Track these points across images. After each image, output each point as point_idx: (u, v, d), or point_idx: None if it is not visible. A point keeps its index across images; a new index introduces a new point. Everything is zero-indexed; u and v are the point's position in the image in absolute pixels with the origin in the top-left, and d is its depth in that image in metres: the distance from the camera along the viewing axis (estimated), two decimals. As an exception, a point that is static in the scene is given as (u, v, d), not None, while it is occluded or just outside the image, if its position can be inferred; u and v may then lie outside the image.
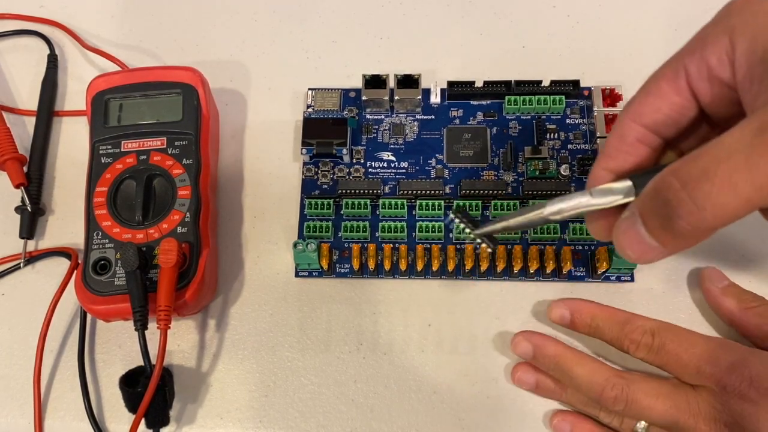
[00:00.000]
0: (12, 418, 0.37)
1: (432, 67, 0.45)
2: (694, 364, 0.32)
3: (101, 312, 0.36)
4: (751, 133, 0.21)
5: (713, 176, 0.21)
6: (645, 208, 0.24)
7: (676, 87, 0.26)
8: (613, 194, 0.27)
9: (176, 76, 0.40)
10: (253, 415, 0.37)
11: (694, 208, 0.22)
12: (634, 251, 0.25)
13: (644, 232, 0.24)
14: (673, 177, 0.22)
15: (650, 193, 0.24)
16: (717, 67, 0.25)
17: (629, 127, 0.27)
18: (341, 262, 0.39)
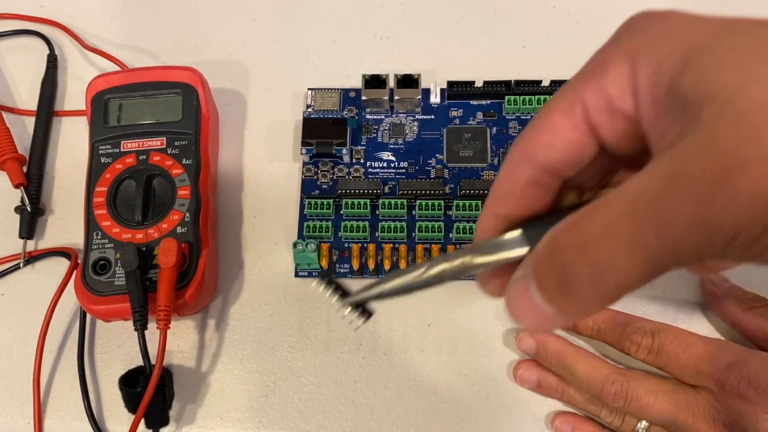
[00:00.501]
0: (11, 418, 0.37)
1: (432, 67, 0.45)
2: (693, 364, 0.32)
3: (101, 312, 0.36)
4: (659, 182, 0.17)
5: (616, 235, 0.17)
6: (539, 269, 0.20)
7: (571, 121, 0.22)
8: (502, 250, 0.23)
9: (176, 76, 0.40)
10: (252, 415, 0.37)
11: (595, 275, 0.18)
12: (529, 320, 0.21)
13: (540, 297, 0.20)
14: (569, 236, 0.19)
15: (545, 251, 0.20)
16: (617, 98, 0.20)
17: (520, 168, 0.23)
18: (341, 262, 0.39)
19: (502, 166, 0.24)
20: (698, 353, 0.32)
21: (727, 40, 0.18)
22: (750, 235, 0.16)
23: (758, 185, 0.15)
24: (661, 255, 0.17)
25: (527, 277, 0.20)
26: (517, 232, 0.23)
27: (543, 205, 0.23)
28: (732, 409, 0.31)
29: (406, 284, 0.24)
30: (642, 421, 0.33)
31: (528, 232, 0.22)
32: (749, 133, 0.16)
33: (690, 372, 0.32)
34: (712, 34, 0.18)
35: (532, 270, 0.20)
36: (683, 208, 0.16)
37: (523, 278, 0.21)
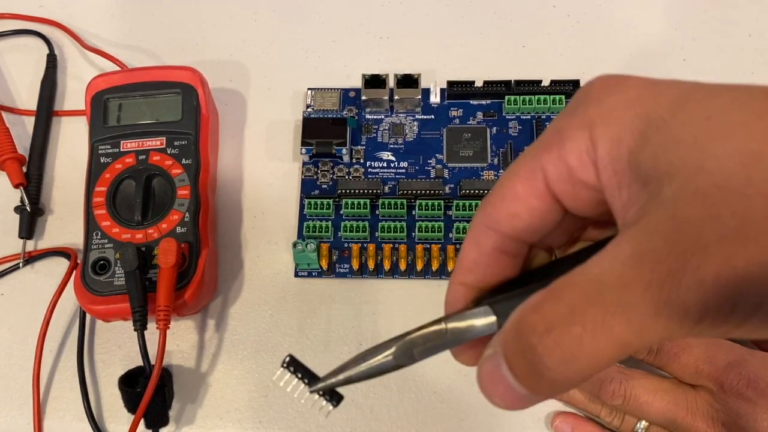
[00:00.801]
0: (11, 419, 0.37)
1: (432, 66, 0.45)
2: (693, 363, 0.32)
3: (100, 312, 0.36)
4: (623, 266, 0.17)
5: (582, 319, 0.17)
6: (508, 349, 0.19)
7: (533, 189, 0.21)
8: (472, 326, 0.22)
9: (176, 76, 0.40)
10: (252, 416, 0.37)
11: (564, 357, 0.18)
12: (503, 399, 0.20)
13: (510, 377, 0.19)
14: (536, 316, 0.18)
15: (512, 331, 0.19)
16: (578, 168, 0.20)
17: (485, 235, 0.22)
18: (341, 262, 0.39)
19: (467, 234, 0.23)
20: (698, 353, 0.32)
21: (683, 115, 0.17)
22: (717, 316, 0.16)
23: (720, 267, 0.15)
24: (628, 339, 0.17)
25: (497, 356, 0.20)
26: (484, 308, 0.22)
27: (511, 271, 0.23)
28: (731, 408, 0.31)
29: (375, 368, 0.24)
30: (641, 421, 0.33)
31: (496, 307, 0.22)
32: (710, 212, 0.16)
33: (689, 371, 0.32)
34: (668, 107, 0.18)
35: (502, 349, 0.20)
36: (648, 293, 0.16)
37: (493, 357, 0.20)
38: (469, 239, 0.23)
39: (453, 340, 0.22)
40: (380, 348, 0.23)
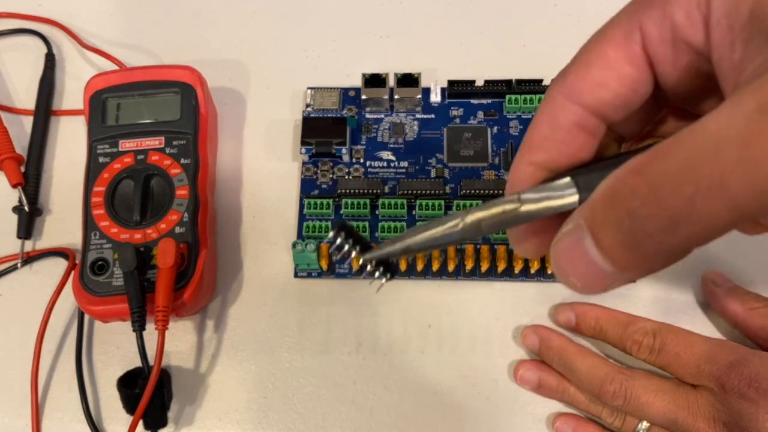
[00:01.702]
0: (9, 420, 0.37)
1: (432, 65, 0.44)
2: (694, 363, 0.32)
3: (99, 312, 0.36)
4: (746, 119, 0.15)
5: (696, 177, 0.15)
6: (596, 219, 0.17)
7: (627, 54, 0.20)
8: (550, 199, 0.20)
9: (174, 75, 0.40)
10: (251, 417, 0.36)
11: (670, 222, 0.16)
12: (581, 278, 0.18)
13: (595, 252, 0.18)
14: (638, 178, 0.16)
15: (604, 199, 0.17)
16: (684, 26, 0.18)
17: (564, 108, 0.21)
18: (341, 263, 0.39)
19: (540, 109, 0.21)
20: (699, 352, 0.32)
21: None
22: None
23: None
24: (747, 201, 0.15)
25: (579, 229, 0.18)
26: (565, 179, 0.20)
27: (587, 153, 0.21)
28: (733, 408, 0.31)
29: (437, 237, 0.21)
30: (643, 422, 0.33)
31: (577, 179, 0.20)
32: None
33: (691, 371, 0.32)
34: None
35: (587, 221, 0.18)
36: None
37: (575, 231, 0.18)
38: (542, 113, 0.21)
39: (527, 215, 0.20)
40: (445, 218, 0.21)
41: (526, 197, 0.20)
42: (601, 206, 0.17)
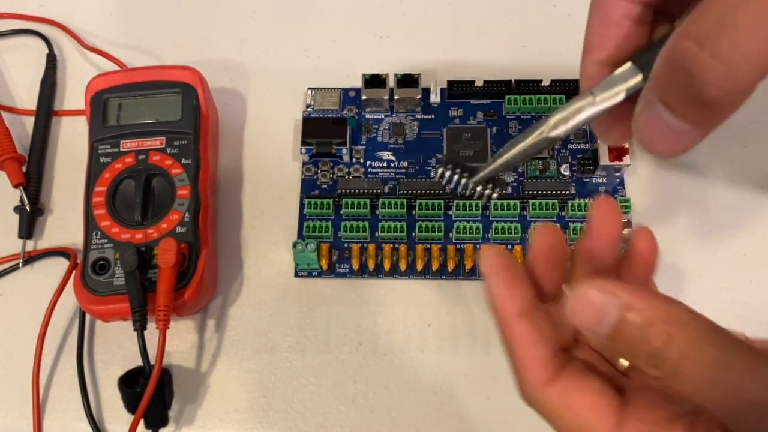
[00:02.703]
0: (11, 419, 0.37)
1: (432, 66, 0.45)
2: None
3: (100, 312, 0.36)
4: None
5: (735, 21, 0.17)
6: (662, 88, 0.20)
7: None
8: (618, 85, 0.22)
9: (175, 76, 0.40)
10: (252, 416, 0.37)
11: (723, 67, 0.18)
12: (666, 143, 0.21)
13: (670, 117, 0.20)
14: (687, 40, 0.18)
15: (663, 69, 0.19)
16: None
17: (611, 5, 0.23)
18: (341, 262, 0.39)
19: (590, 12, 0.24)
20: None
21: None
22: None
23: None
24: None
25: (651, 103, 0.20)
26: (627, 65, 0.22)
27: (642, 40, 0.23)
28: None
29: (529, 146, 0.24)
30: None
31: (638, 61, 0.22)
32: None
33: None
34: None
35: (655, 93, 0.20)
36: None
37: (648, 105, 0.20)
38: (592, 15, 0.24)
39: (602, 104, 0.23)
40: (530, 129, 0.24)
41: (597, 90, 0.23)
42: (662, 76, 0.19)
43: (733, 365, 0.18)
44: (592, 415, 0.22)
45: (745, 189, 0.40)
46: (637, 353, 0.20)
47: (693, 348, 0.18)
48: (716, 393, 0.18)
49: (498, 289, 0.23)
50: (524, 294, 0.23)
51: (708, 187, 0.40)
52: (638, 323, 0.19)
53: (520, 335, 0.23)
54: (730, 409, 0.18)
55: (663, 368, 0.19)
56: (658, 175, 0.41)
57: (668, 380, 0.19)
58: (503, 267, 0.23)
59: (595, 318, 0.20)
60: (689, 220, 0.40)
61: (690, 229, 0.39)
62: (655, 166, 0.41)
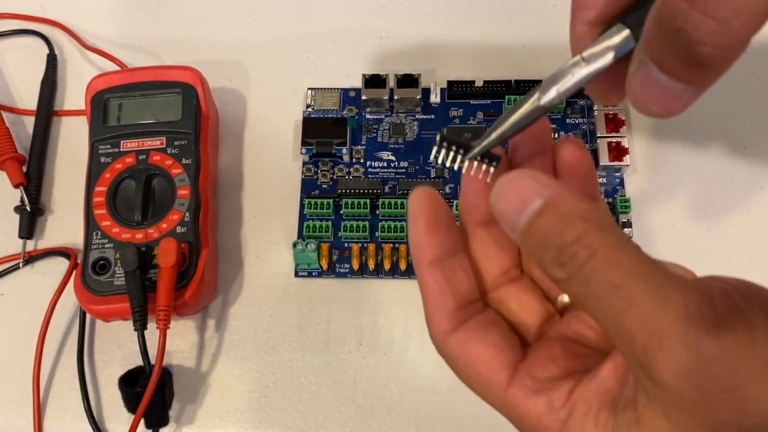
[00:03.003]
0: (11, 419, 0.37)
1: (432, 66, 0.45)
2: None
3: (100, 312, 0.36)
4: None
5: None
6: (654, 48, 0.19)
7: None
8: (609, 49, 0.22)
9: (175, 76, 0.40)
10: (252, 416, 0.37)
11: (715, 24, 0.17)
12: (660, 103, 0.20)
13: (664, 77, 0.19)
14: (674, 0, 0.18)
15: (654, 28, 0.19)
16: None
17: None
18: (341, 262, 0.39)
19: None
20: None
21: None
22: None
23: None
24: None
25: (643, 64, 0.20)
26: (617, 25, 0.22)
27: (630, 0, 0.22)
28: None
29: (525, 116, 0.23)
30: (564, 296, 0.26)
31: (627, 21, 0.22)
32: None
33: None
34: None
35: (647, 54, 0.20)
36: None
37: (640, 66, 0.20)
38: None
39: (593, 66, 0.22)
40: (523, 100, 0.23)
41: (588, 53, 0.22)
42: (653, 35, 0.19)
43: (640, 275, 0.18)
44: (486, 368, 0.23)
45: (745, 189, 0.40)
46: (547, 248, 0.19)
47: (605, 249, 0.18)
48: (613, 304, 0.18)
49: (416, 236, 0.23)
50: (442, 242, 0.23)
51: (708, 187, 0.40)
52: (557, 215, 0.19)
53: (430, 284, 0.23)
54: (619, 328, 0.18)
55: (568, 267, 0.18)
56: (657, 175, 0.41)
57: (569, 282, 0.19)
58: (427, 212, 0.23)
59: (517, 206, 0.20)
60: (689, 220, 0.40)
61: (690, 229, 0.39)
62: (654, 166, 0.41)
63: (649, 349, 0.17)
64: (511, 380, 0.22)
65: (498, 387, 0.22)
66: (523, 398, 0.22)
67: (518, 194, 0.20)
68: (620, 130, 0.40)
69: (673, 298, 0.17)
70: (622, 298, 0.17)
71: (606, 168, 0.40)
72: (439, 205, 0.24)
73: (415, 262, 0.24)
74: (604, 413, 0.20)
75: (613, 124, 0.40)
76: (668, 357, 0.17)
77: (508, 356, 0.23)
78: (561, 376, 0.21)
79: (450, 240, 0.24)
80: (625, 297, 0.17)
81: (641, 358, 0.17)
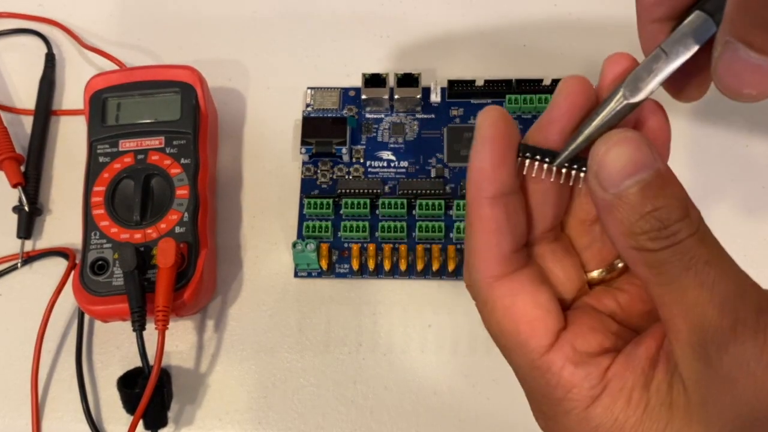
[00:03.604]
0: (9, 420, 0.37)
1: (432, 65, 0.44)
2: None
3: (99, 312, 0.36)
4: None
5: None
6: (740, 27, 0.19)
7: None
8: (690, 37, 0.21)
9: (174, 75, 0.40)
10: (251, 417, 0.36)
11: None
12: (752, 84, 0.19)
13: (753, 55, 0.19)
14: None
15: (738, 7, 0.18)
16: None
17: None
18: (341, 263, 0.39)
19: None
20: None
21: None
22: None
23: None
24: None
25: (730, 45, 0.19)
26: (693, 13, 0.21)
27: None
28: None
29: (611, 117, 0.22)
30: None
31: (705, 7, 0.21)
32: None
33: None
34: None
35: (732, 34, 0.19)
36: None
37: (726, 48, 0.19)
38: None
39: (676, 59, 0.21)
40: (607, 100, 0.22)
41: (668, 46, 0.21)
42: (738, 15, 0.19)
43: (726, 261, 0.19)
44: (528, 327, 0.22)
45: (746, 189, 0.40)
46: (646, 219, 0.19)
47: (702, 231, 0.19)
48: (697, 278, 0.19)
49: (483, 162, 0.21)
50: (509, 174, 0.22)
51: (708, 187, 0.40)
52: (667, 191, 0.19)
53: (488, 220, 0.21)
54: (693, 303, 0.18)
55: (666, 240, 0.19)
56: (658, 174, 0.41)
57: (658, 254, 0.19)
58: (500, 137, 0.21)
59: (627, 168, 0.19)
60: (690, 220, 0.39)
61: (691, 229, 0.39)
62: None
63: (721, 328, 0.18)
64: (551, 347, 0.21)
65: (536, 350, 0.21)
66: (560, 367, 0.21)
67: (631, 157, 0.19)
68: (621, 130, 0.40)
69: (749, 290, 0.19)
70: (706, 274, 0.18)
71: (607, 168, 0.40)
72: (512, 130, 0.22)
73: (472, 191, 0.22)
74: (636, 393, 0.20)
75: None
76: (737, 339, 0.18)
77: (554, 321, 0.22)
78: (599, 352, 0.21)
79: (514, 173, 0.22)
80: (710, 274, 0.18)
81: (709, 335, 0.18)
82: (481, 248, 0.22)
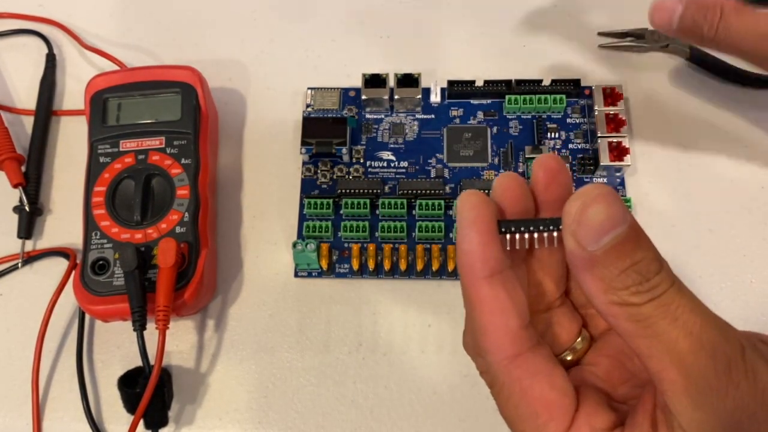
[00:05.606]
0: (10, 419, 0.37)
1: (432, 66, 0.44)
2: None
3: (100, 312, 0.36)
4: None
5: None
6: None
7: None
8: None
9: (175, 76, 0.40)
10: (252, 417, 0.36)
11: None
12: None
13: None
14: None
15: None
16: None
17: None
18: (341, 262, 0.39)
19: None
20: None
21: None
22: None
23: None
24: None
25: None
26: None
27: None
28: None
29: None
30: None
31: None
32: None
33: None
34: None
35: None
36: None
37: None
38: None
39: None
40: None
41: None
42: None
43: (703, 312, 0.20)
44: (546, 410, 0.21)
45: (746, 189, 0.40)
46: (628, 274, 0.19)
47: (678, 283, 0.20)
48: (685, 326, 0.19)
49: (472, 244, 0.21)
50: (499, 250, 0.21)
51: (708, 187, 0.40)
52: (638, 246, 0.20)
53: (490, 300, 0.21)
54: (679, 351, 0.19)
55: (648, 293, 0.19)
56: (658, 175, 0.41)
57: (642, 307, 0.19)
58: (483, 218, 0.21)
59: (604, 225, 0.19)
60: (689, 220, 0.40)
61: (690, 229, 0.39)
62: (655, 166, 0.41)
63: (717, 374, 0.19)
64: (568, 429, 0.21)
65: None
66: None
67: (608, 213, 0.19)
68: (621, 130, 0.40)
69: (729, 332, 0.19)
70: (693, 323, 0.19)
71: (606, 168, 0.40)
72: (493, 210, 0.22)
73: (466, 275, 0.21)
74: None
75: (614, 124, 0.40)
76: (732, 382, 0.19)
77: (570, 402, 0.22)
78: (611, 428, 0.21)
79: (503, 249, 0.22)
80: (696, 323, 0.19)
81: (707, 383, 0.19)
82: (489, 329, 0.21)
